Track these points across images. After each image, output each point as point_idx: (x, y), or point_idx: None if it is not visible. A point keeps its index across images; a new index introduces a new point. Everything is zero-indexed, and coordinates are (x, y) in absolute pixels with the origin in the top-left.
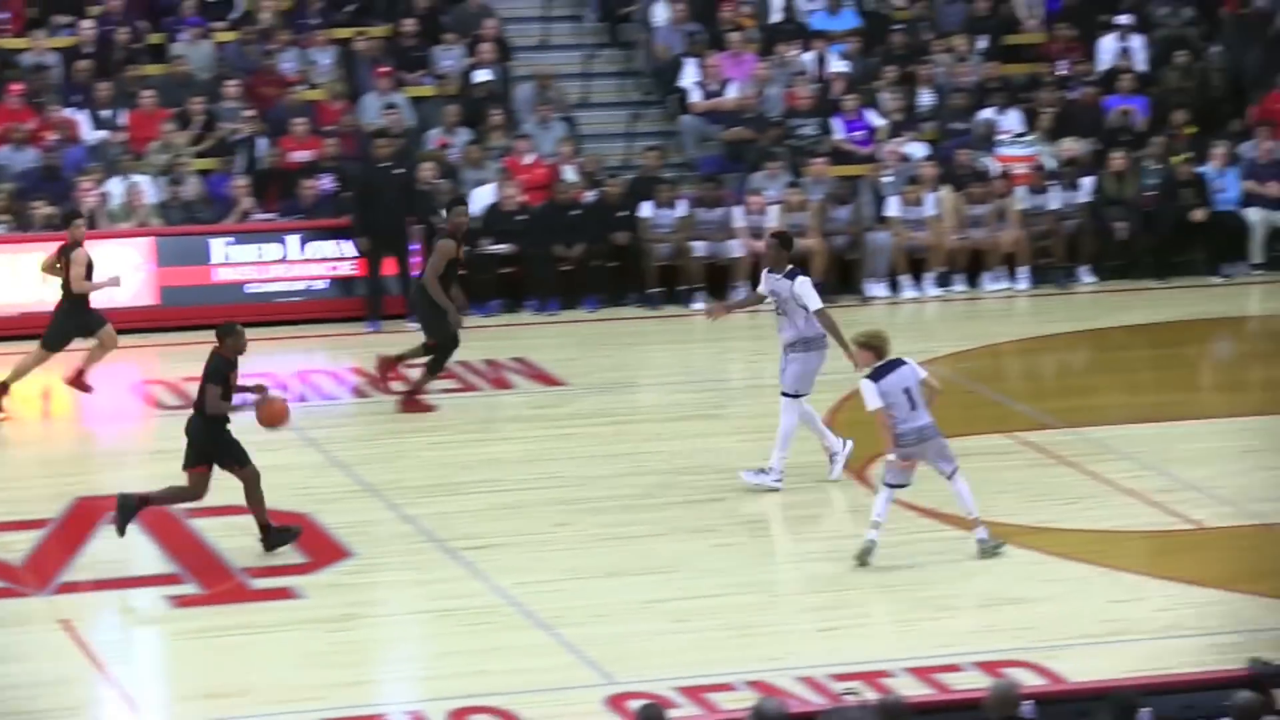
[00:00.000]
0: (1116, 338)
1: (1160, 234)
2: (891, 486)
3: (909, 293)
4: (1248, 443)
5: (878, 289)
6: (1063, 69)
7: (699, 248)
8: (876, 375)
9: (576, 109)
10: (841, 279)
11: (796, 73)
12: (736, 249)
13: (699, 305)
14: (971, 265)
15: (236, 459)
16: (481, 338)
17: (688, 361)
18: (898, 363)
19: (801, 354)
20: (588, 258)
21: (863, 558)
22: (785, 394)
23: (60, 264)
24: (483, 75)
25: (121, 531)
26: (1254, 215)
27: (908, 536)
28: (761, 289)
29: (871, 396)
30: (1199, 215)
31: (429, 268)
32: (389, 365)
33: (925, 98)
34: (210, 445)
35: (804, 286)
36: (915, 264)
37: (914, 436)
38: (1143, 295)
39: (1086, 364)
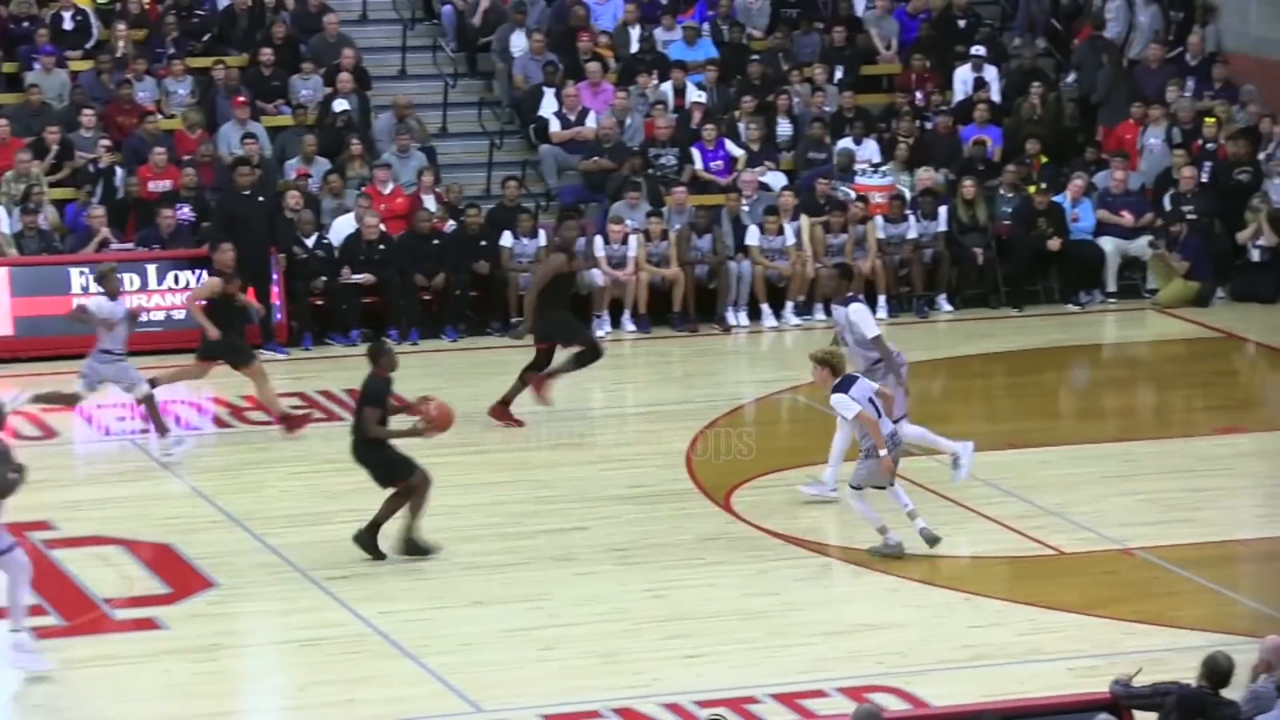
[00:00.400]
0: (975, 365)
1: (1017, 263)
2: (858, 489)
3: (769, 321)
4: (1104, 469)
5: (738, 318)
6: (918, 99)
7: None
8: (841, 388)
9: (436, 139)
10: (702, 308)
11: (655, 103)
12: (598, 278)
13: None
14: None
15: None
16: (343, 367)
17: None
18: (853, 377)
19: (884, 378)
20: (449, 287)
21: (931, 541)
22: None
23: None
24: (341, 105)
25: (378, 555)
26: (1108, 244)
27: (771, 564)
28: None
29: (849, 404)
30: (1055, 244)
31: (535, 278)
32: (540, 382)
33: (783, 128)
34: (387, 462)
35: (858, 314)
36: (775, 293)
37: (890, 441)
38: (1000, 323)
39: (945, 391)
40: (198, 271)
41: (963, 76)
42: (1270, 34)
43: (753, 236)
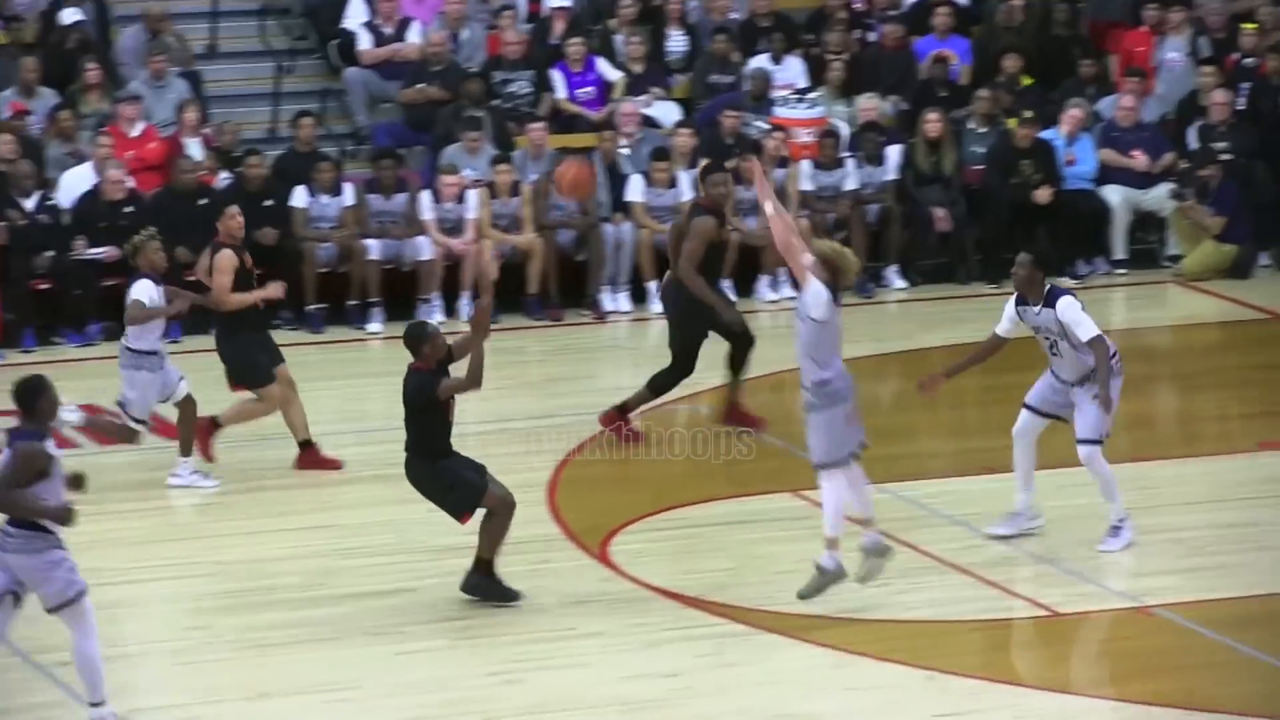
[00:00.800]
0: (937, 361)
1: (992, 222)
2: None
3: (659, 305)
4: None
5: (617, 300)
6: (858, 3)
7: (373, 248)
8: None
9: (202, 61)
10: (569, 287)
11: (502, 9)
12: (425, 249)
13: (375, 325)
14: (743, 266)
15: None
16: (76, 375)
17: (360, 403)
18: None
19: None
20: None
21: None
22: (1085, 441)
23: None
24: (72, 15)
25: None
26: (1115, 195)
27: (664, 634)
28: (1003, 329)
29: (822, 306)
30: (1043, 196)
31: (685, 255)
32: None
33: (676, 42)
34: (454, 485)
35: (1071, 311)
36: (667, 266)
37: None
38: (970, 304)
39: (899, 397)
40: None
41: None
42: None
43: (636, 190)
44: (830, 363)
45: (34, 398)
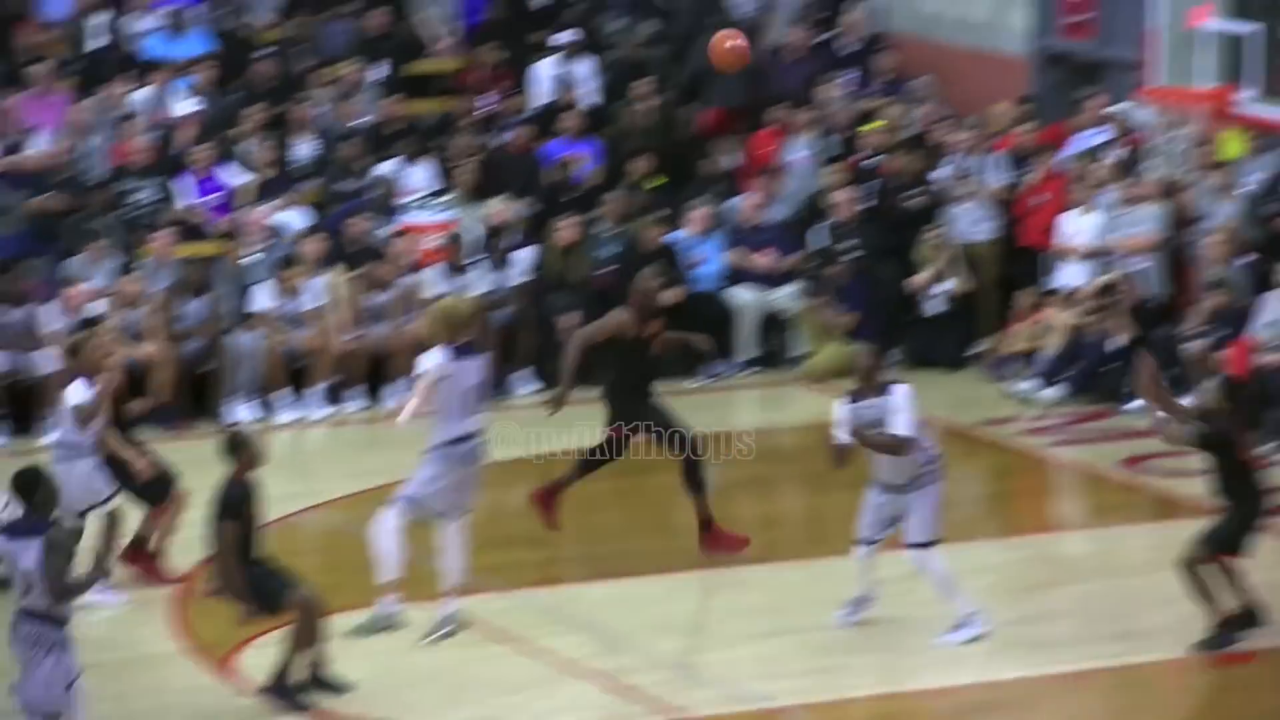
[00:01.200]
0: (564, 465)
1: None
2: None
3: (287, 414)
4: (737, 601)
5: (244, 411)
6: (487, 105)
7: None
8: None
9: None
10: (195, 398)
11: (126, 117)
12: (47, 362)
13: None
14: (372, 374)
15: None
16: None
17: None
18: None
19: (932, 485)
20: None
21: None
22: (916, 545)
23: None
24: None
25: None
26: (743, 296)
27: None
28: (844, 436)
29: (433, 365)
30: (670, 297)
31: (585, 328)
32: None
33: (303, 148)
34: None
35: (905, 400)
36: (295, 375)
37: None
38: (598, 407)
39: (527, 503)
40: None
41: (545, 73)
42: (949, 10)
43: (262, 298)
44: (457, 420)
45: (33, 489)
